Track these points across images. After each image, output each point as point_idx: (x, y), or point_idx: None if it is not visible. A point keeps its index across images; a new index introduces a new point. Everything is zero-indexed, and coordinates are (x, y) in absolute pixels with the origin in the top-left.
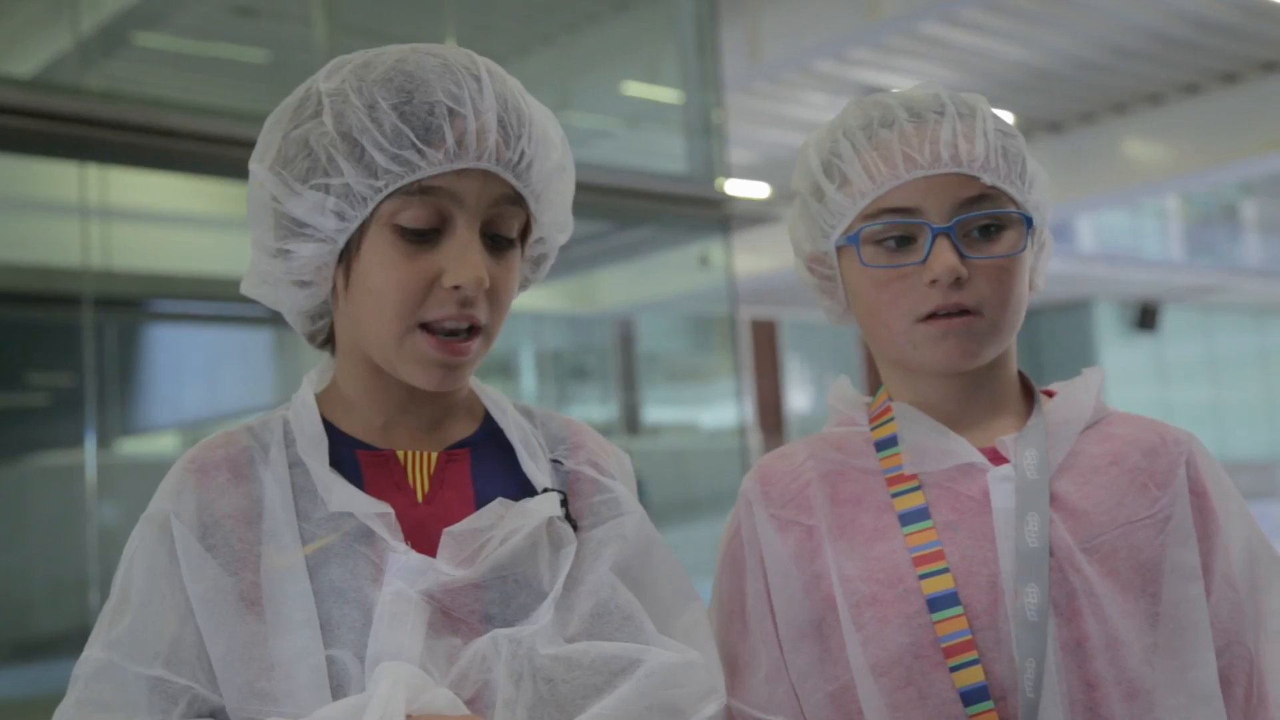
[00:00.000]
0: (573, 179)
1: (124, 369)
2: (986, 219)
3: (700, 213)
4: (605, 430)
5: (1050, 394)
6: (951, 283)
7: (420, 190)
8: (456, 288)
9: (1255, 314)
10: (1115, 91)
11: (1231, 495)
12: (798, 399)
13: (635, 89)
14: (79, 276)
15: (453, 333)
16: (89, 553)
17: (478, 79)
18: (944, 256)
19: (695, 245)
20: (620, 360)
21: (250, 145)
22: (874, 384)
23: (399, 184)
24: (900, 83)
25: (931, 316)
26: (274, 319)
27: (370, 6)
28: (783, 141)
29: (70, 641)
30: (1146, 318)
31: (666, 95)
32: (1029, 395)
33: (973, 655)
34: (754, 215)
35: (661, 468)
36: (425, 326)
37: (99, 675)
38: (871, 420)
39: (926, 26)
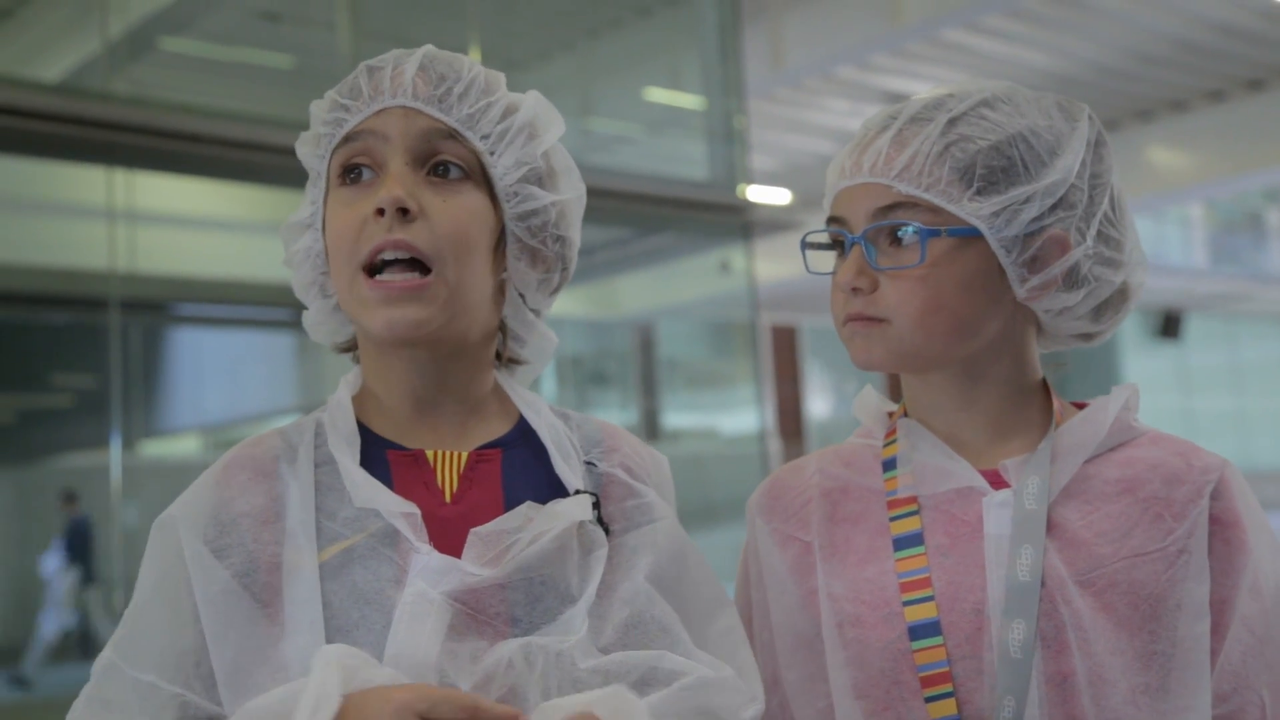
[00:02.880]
0: (554, 137)
1: (149, 371)
2: (895, 227)
3: (722, 219)
4: None
5: (1083, 407)
6: (850, 291)
7: (347, 140)
8: (380, 212)
9: (1279, 322)
10: (1139, 99)
11: (1265, 531)
12: (818, 405)
13: (657, 95)
14: (105, 279)
15: (402, 267)
16: (113, 553)
17: (410, 53)
18: (845, 266)
19: (716, 251)
20: (640, 365)
21: (275, 150)
22: (894, 391)
23: (333, 144)
24: (922, 90)
25: (849, 320)
26: (296, 323)
27: (394, 12)
28: (805, 148)
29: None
30: (1170, 326)
31: (689, 101)
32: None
33: (948, 688)
34: (775, 221)
35: (681, 473)
36: (367, 270)
37: (106, 674)
38: (885, 436)
39: (949, 33)
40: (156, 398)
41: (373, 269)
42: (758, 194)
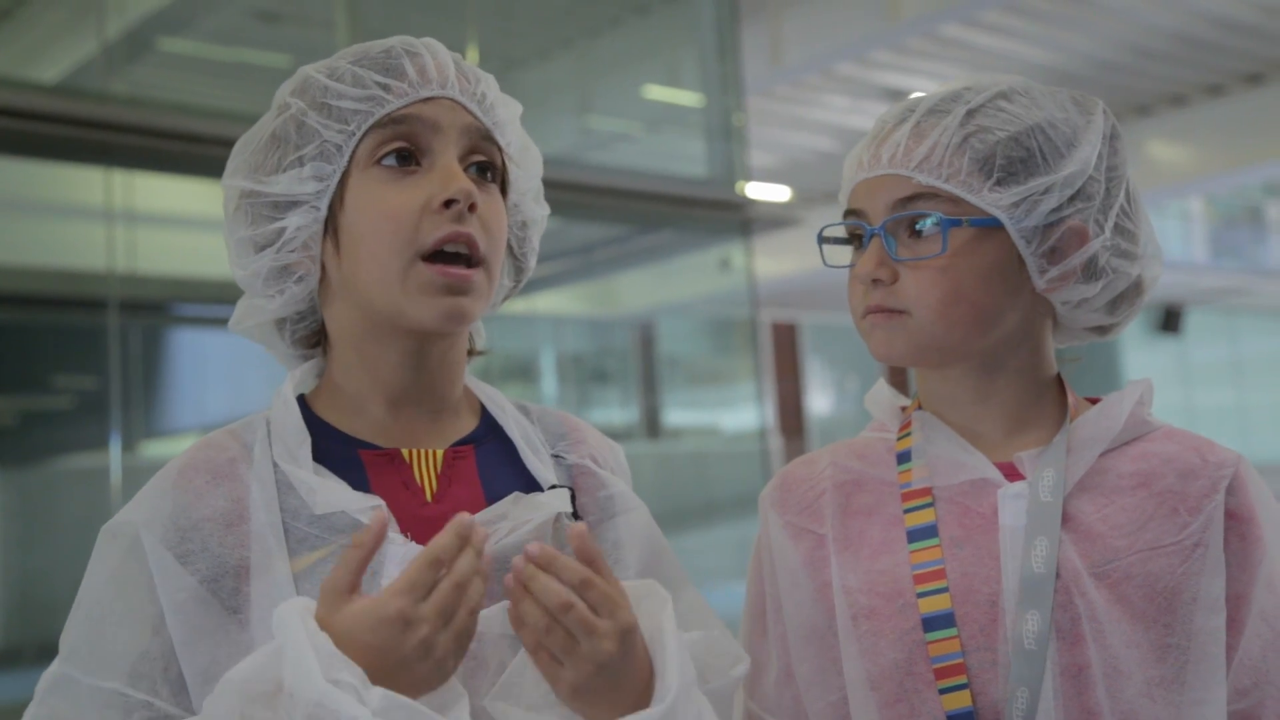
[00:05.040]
0: (539, 158)
1: (149, 372)
2: (914, 219)
3: (721, 216)
4: (625, 433)
5: (1096, 402)
6: (870, 283)
7: (392, 122)
8: (447, 204)
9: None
10: (1138, 93)
11: None
12: (819, 402)
13: (656, 92)
14: (104, 280)
15: (453, 259)
16: None
17: (432, 43)
18: (865, 258)
19: (716, 248)
20: (641, 363)
21: None
22: (900, 387)
23: (370, 121)
24: (921, 85)
25: (869, 312)
26: None
27: (392, 11)
28: (804, 144)
29: None
30: (1170, 321)
31: (687, 99)
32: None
33: (962, 679)
34: (775, 218)
35: (682, 471)
36: (426, 259)
37: (54, 689)
38: (900, 430)
39: (947, 29)
40: (156, 399)
41: (426, 258)
42: (757, 191)
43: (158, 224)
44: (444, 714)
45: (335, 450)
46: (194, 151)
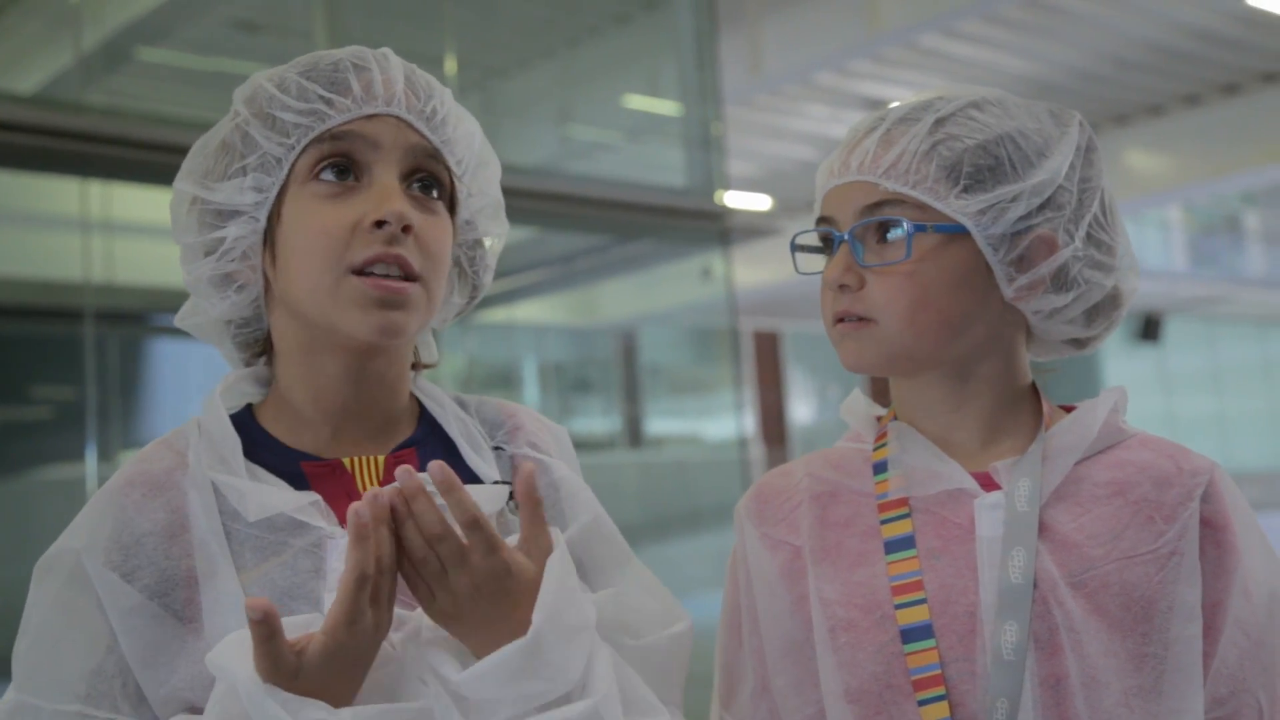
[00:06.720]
0: (498, 173)
1: (125, 383)
2: (883, 225)
3: (701, 225)
4: (608, 442)
5: (1071, 410)
6: (838, 288)
7: (333, 138)
8: (379, 224)
9: (1259, 324)
10: (1116, 103)
11: (1256, 533)
12: (801, 410)
13: (636, 102)
14: (81, 291)
15: (385, 276)
16: None
17: (386, 56)
18: (832, 264)
19: (696, 257)
20: (623, 372)
21: None
22: (878, 396)
23: (310, 136)
24: (900, 95)
25: (839, 320)
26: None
27: (371, 21)
28: (783, 154)
29: None
30: (1149, 329)
31: (666, 108)
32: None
33: (940, 691)
34: (754, 227)
35: (664, 480)
36: (357, 273)
37: (14, 717)
38: (875, 440)
39: (926, 39)
40: (133, 409)
41: (357, 271)
42: (736, 200)
43: (134, 234)
44: (410, 700)
45: (278, 463)
46: (171, 162)
